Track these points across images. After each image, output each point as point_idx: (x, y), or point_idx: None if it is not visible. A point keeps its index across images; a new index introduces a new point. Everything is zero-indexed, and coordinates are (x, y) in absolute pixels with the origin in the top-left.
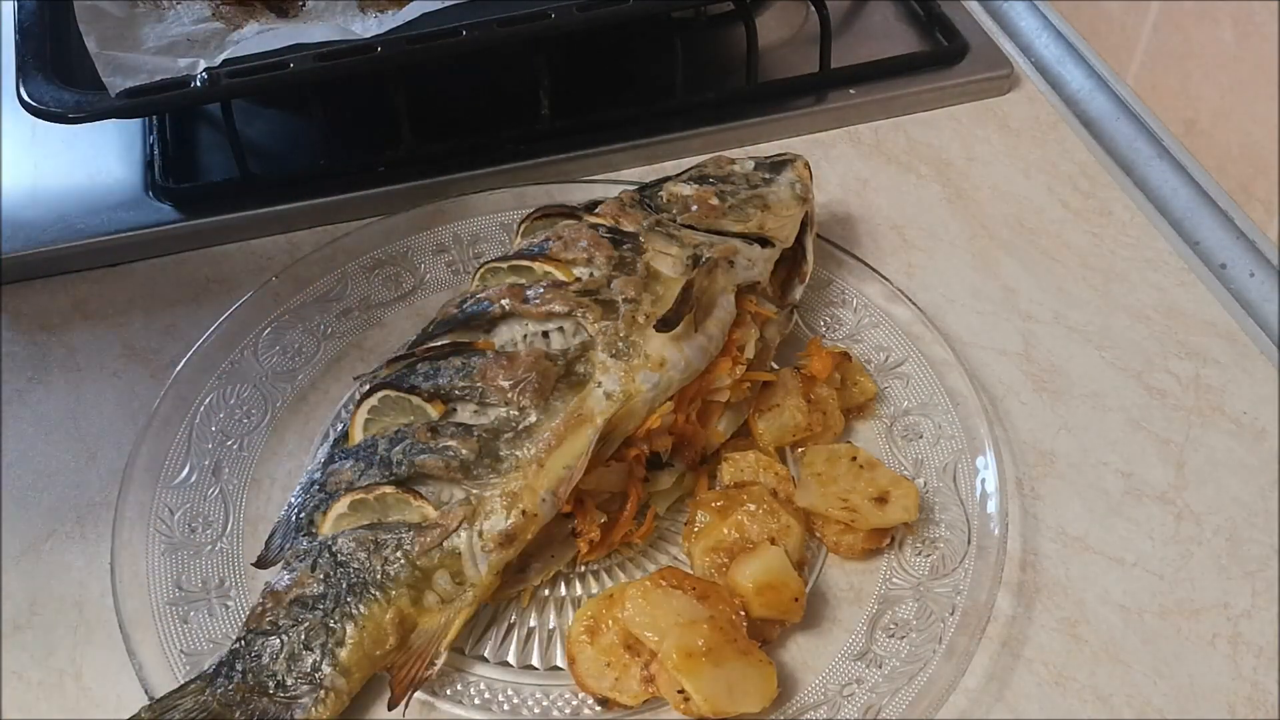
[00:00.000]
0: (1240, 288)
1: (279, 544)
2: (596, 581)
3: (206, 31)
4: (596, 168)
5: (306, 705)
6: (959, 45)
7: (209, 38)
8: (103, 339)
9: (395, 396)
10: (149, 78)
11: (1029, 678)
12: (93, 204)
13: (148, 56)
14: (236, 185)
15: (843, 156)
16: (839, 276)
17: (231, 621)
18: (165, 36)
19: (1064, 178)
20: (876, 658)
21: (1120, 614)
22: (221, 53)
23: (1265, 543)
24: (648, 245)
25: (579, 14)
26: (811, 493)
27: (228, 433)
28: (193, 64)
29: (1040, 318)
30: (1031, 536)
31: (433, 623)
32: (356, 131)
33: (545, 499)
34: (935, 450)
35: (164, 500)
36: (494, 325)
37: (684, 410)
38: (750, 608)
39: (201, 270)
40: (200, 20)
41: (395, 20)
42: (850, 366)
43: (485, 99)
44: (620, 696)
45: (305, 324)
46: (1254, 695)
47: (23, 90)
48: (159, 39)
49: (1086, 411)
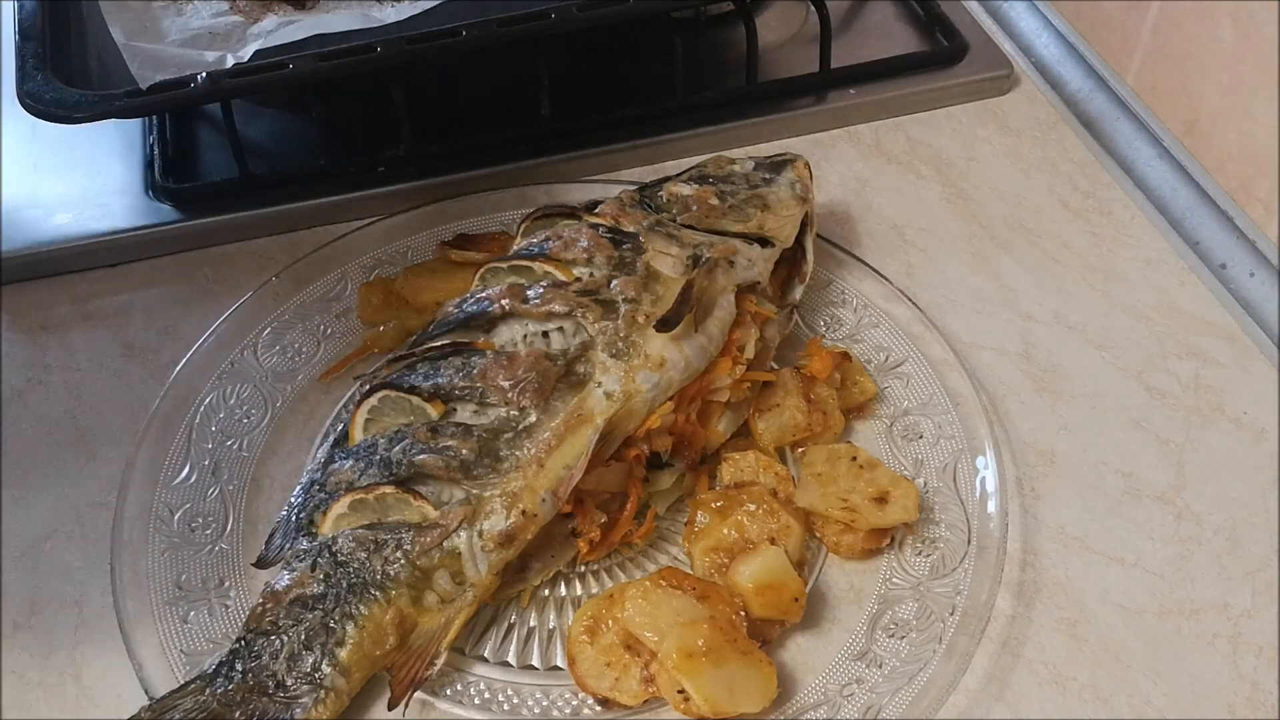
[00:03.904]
0: (1240, 288)
1: (279, 544)
2: (596, 581)
3: (227, 25)
4: (596, 168)
5: (306, 705)
6: (959, 45)
7: (230, 30)
8: (103, 339)
9: (395, 396)
10: (177, 72)
11: (1029, 678)
12: (93, 204)
13: (174, 49)
14: (236, 185)
15: (843, 156)
16: (839, 276)
17: (231, 621)
18: (187, 29)
19: (1064, 177)
20: (876, 658)
21: (1120, 614)
22: (245, 45)
23: (1265, 543)
24: (648, 245)
25: (579, 14)
26: (811, 493)
27: (228, 433)
28: (220, 58)
29: (1040, 318)
30: (1031, 536)
31: (433, 623)
32: (356, 131)
33: (545, 499)
34: (935, 450)
35: (164, 500)
36: (494, 325)
37: (684, 410)
38: (750, 608)
39: (201, 270)
40: (218, 14)
41: (415, 9)
42: (850, 366)
43: (485, 99)
44: (620, 696)
45: (305, 324)
46: (1254, 695)
47: (23, 90)
48: (180, 32)
49: (1086, 411)
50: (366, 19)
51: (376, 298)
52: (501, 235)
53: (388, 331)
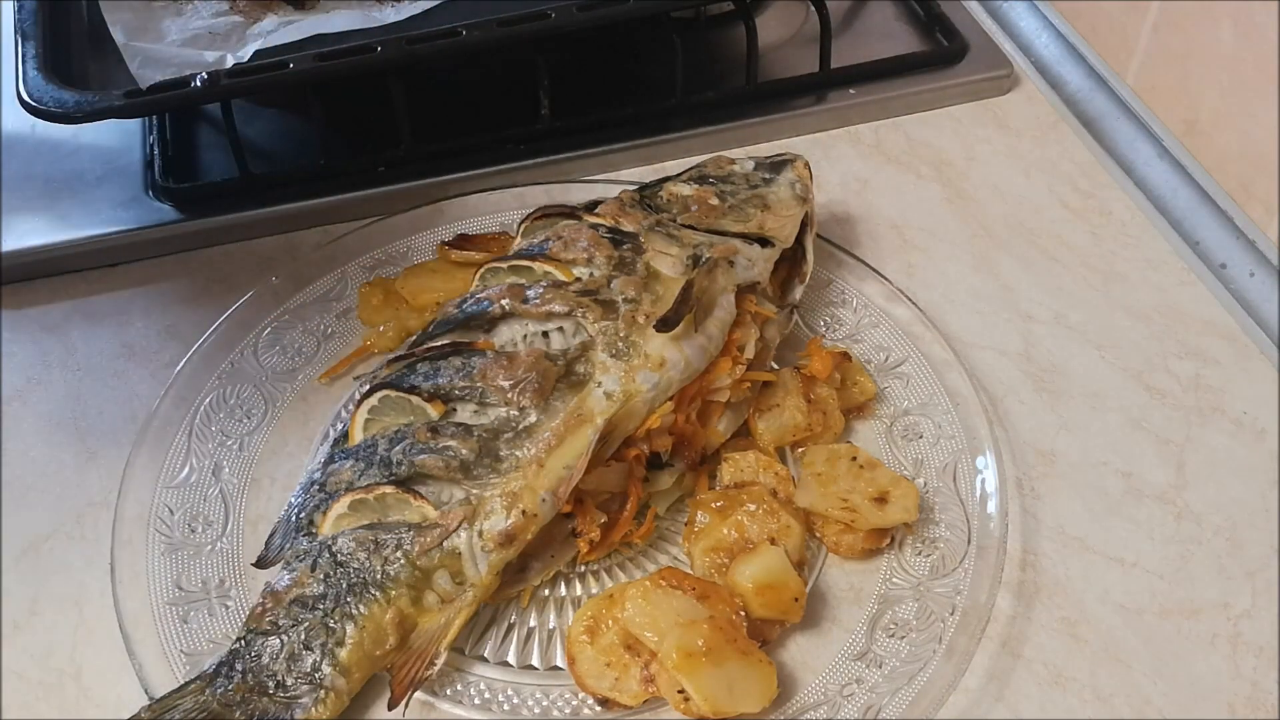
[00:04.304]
0: (1240, 288)
1: (279, 544)
2: (596, 581)
3: (226, 25)
4: (596, 168)
5: (306, 705)
6: (959, 45)
7: (230, 31)
8: (103, 339)
9: (395, 396)
10: (177, 72)
11: (1029, 678)
12: (93, 204)
13: (174, 49)
14: (236, 185)
15: (843, 156)
16: (839, 276)
17: (231, 621)
18: (187, 29)
19: (1064, 177)
20: (876, 658)
21: (1120, 614)
22: (246, 45)
23: (1265, 543)
24: (648, 245)
25: (579, 14)
26: (811, 493)
27: (228, 433)
28: (220, 58)
29: (1040, 318)
30: (1031, 536)
31: (433, 623)
32: (356, 131)
33: (545, 499)
34: (935, 450)
35: (164, 500)
36: (494, 325)
37: (684, 410)
38: (750, 608)
39: (201, 270)
40: (218, 14)
41: (415, 8)
42: (850, 366)
43: (485, 99)
44: (620, 696)
45: (305, 324)
46: (1254, 695)
47: (23, 90)
48: (180, 32)
49: (1086, 411)
50: (366, 19)
51: (376, 298)
52: (501, 235)
53: (388, 331)
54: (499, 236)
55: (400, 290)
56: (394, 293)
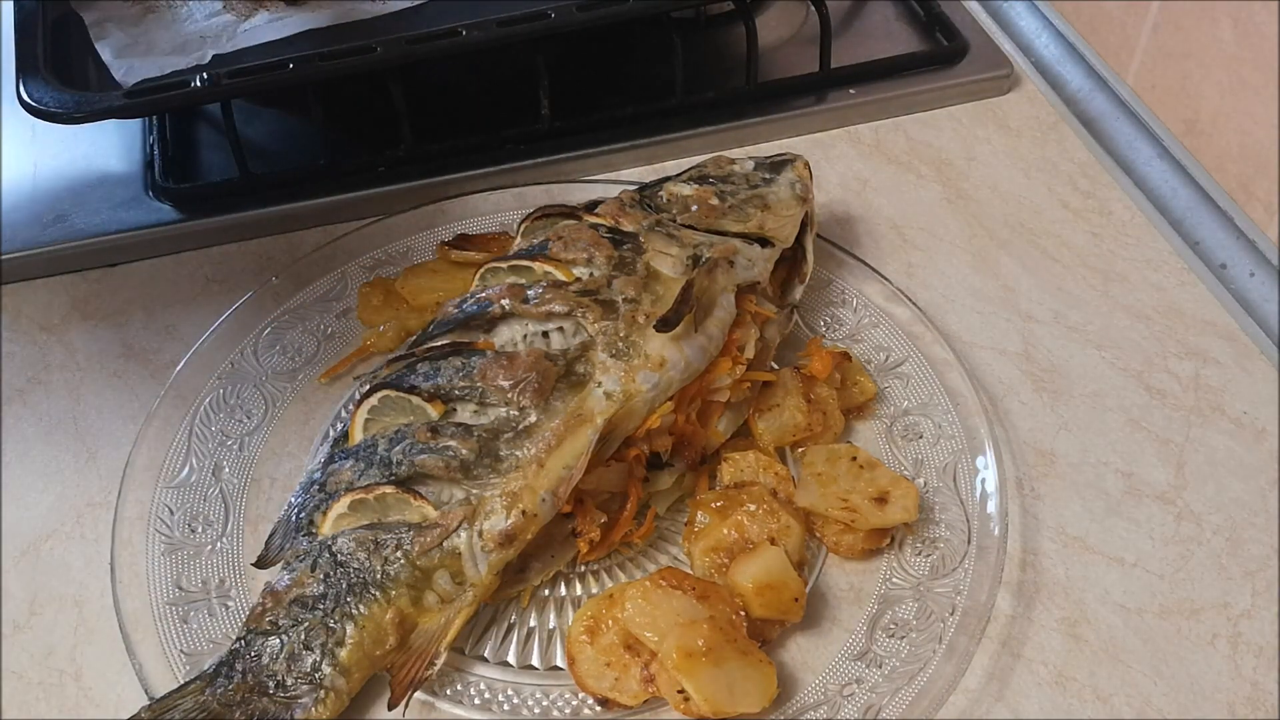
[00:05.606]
0: (1240, 288)
1: (279, 544)
2: (596, 581)
3: (219, 25)
4: (596, 168)
5: (306, 705)
6: (959, 45)
7: (221, 31)
8: (103, 339)
9: (395, 396)
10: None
11: (1029, 678)
12: (93, 204)
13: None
14: (236, 185)
15: (843, 156)
16: (839, 276)
17: (231, 621)
18: (180, 36)
19: (1064, 177)
20: (876, 658)
21: (1120, 614)
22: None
23: (1265, 543)
24: (648, 245)
25: (579, 14)
26: (811, 493)
27: (228, 433)
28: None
29: (1040, 317)
30: (1031, 536)
31: (433, 623)
32: (356, 131)
33: (545, 499)
34: (935, 450)
35: (164, 500)
36: (494, 325)
37: (684, 410)
38: (750, 608)
39: (201, 270)
40: (212, 15)
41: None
42: (850, 366)
43: (485, 99)
44: (620, 696)
45: (305, 324)
46: (1254, 695)
47: (23, 90)
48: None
49: (1086, 411)
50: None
51: (376, 298)
52: (501, 235)
53: (388, 331)
54: (499, 236)
55: (400, 290)
56: (394, 293)
